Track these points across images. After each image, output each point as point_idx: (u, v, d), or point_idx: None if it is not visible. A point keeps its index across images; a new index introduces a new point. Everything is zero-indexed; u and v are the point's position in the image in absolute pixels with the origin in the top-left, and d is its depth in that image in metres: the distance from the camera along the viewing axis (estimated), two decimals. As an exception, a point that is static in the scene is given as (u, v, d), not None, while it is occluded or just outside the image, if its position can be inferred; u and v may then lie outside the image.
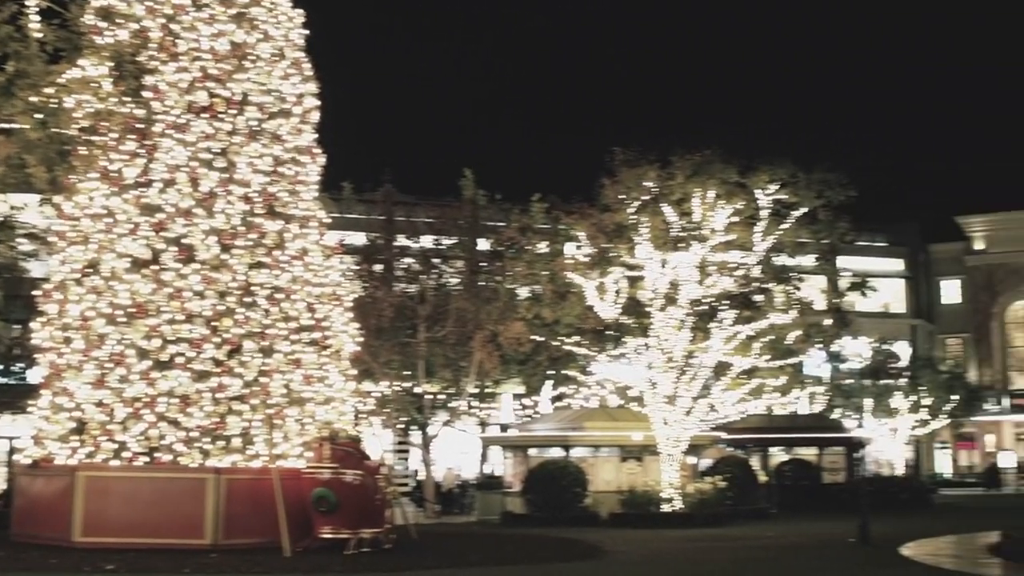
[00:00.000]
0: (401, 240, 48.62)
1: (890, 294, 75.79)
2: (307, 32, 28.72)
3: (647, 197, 38.16)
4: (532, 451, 41.06)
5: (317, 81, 28.58)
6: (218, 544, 24.03)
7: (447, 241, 48.49)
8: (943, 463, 74.70)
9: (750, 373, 39.18)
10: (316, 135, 28.67)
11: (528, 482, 39.19)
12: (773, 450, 49.53)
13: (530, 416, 51.57)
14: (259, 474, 24.65)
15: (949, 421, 64.70)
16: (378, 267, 47.66)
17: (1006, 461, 73.56)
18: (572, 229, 40.06)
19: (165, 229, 25.68)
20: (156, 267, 25.52)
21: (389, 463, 39.54)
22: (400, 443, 52.94)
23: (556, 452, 40.60)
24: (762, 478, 45.32)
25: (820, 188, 38.57)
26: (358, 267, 43.93)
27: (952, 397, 62.33)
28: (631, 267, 38.58)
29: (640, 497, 38.09)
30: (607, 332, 39.17)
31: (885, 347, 62.21)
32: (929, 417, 61.68)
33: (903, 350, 68.84)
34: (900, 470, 61.09)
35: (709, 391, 38.60)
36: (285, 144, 27.65)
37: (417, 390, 45.16)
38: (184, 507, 24.19)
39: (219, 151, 26.51)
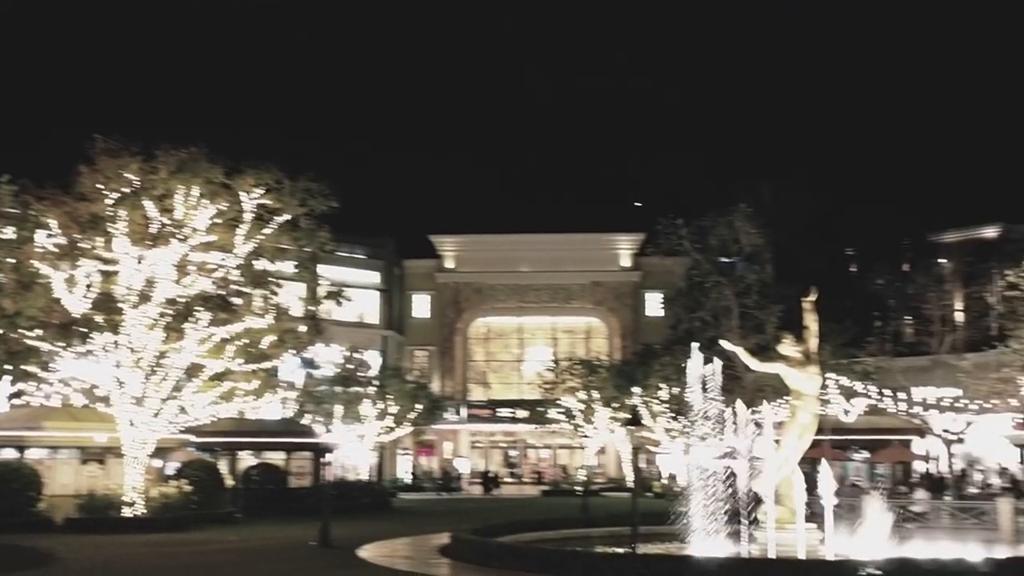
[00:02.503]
0: None
1: (365, 305, 78.20)
2: None
3: (128, 190, 36.64)
4: (-16, 452, 37.98)
5: None
6: None
7: None
8: (405, 468, 78.14)
9: (223, 376, 38.75)
10: None
11: (-26, 485, 36.16)
12: (242, 454, 49.29)
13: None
14: None
15: (412, 429, 67.92)
16: None
17: (462, 467, 78.51)
18: (43, 216, 37.54)
19: None
20: None
21: None
22: None
23: (10, 453, 37.93)
24: (229, 482, 44.95)
25: (304, 196, 38.95)
26: None
27: (417, 406, 65.53)
28: (105, 261, 36.84)
29: (100, 501, 36.46)
30: (74, 327, 37.06)
31: (357, 356, 64.04)
32: (394, 424, 64.39)
33: (374, 359, 71.32)
34: (364, 475, 63.13)
35: (180, 393, 37.74)
36: None
37: None
38: None
39: None
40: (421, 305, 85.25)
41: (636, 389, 56.40)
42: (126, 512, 36.29)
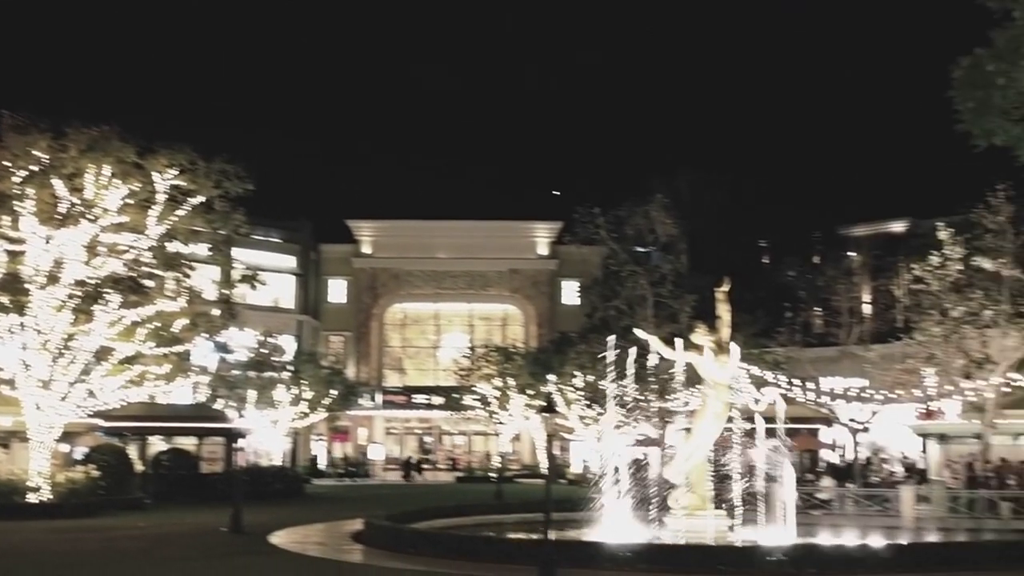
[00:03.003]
0: None
1: (280, 289, 77.51)
2: None
3: (36, 168, 35.90)
4: None
5: None
6: None
7: None
8: (318, 454, 77.71)
9: (133, 360, 38.21)
10: None
11: None
12: (152, 439, 48.70)
13: None
14: None
15: (327, 414, 67.59)
16: None
17: (375, 453, 78.34)
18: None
19: None
20: None
21: None
22: None
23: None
24: (139, 467, 44.39)
25: (219, 178, 38.46)
26: None
27: (331, 392, 65.22)
28: (12, 240, 36.08)
29: (4, 486, 35.82)
30: (-24, 309, 36.26)
31: (271, 340, 63.53)
32: (309, 410, 64.01)
33: (289, 344, 70.77)
34: (277, 461, 62.71)
35: (89, 376, 37.14)
36: None
37: None
38: None
39: None
40: (337, 290, 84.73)
41: (551, 377, 56.69)
42: (31, 498, 35.67)
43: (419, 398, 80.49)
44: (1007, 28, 14.83)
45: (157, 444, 48.71)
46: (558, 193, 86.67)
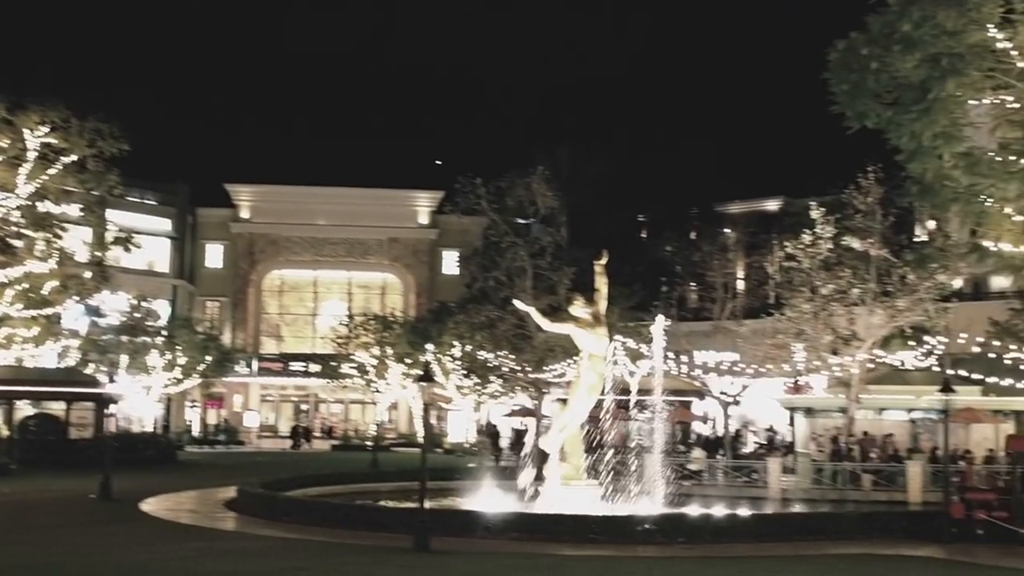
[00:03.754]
0: None
1: (155, 252, 75.97)
2: None
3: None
4: None
5: None
6: None
7: None
8: (192, 421, 76.62)
9: (0, 322, 37.17)
10: None
11: None
12: (20, 403, 47.39)
13: None
14: None
15: (201, 381, 66.66)
16: None
17: (250, 420, 77.54)
18: None
19: None
20: None
21: None
22: None
23: None
24: (5, 432, 43.25)
25: (93, 137, 37.50)
26: None
27: (206, 358, 64.32)
28: None
29: None
30: None
31: (145, 304, 62.30)
32: (183, 376, 63.07)
33: (163, 309, 69.52)
34: (150, 427, 61.68)
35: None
36: None
37: None
38: None
39: None
40: (214, 255, 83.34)
41: (429, 346, 56.75)
42: None
43: (296, 366, 79.85)
44: (882, 14, 15.30)
45: (24, 409, 47.44)
46: (440, 163, 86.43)
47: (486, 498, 30.35)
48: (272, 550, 22.22)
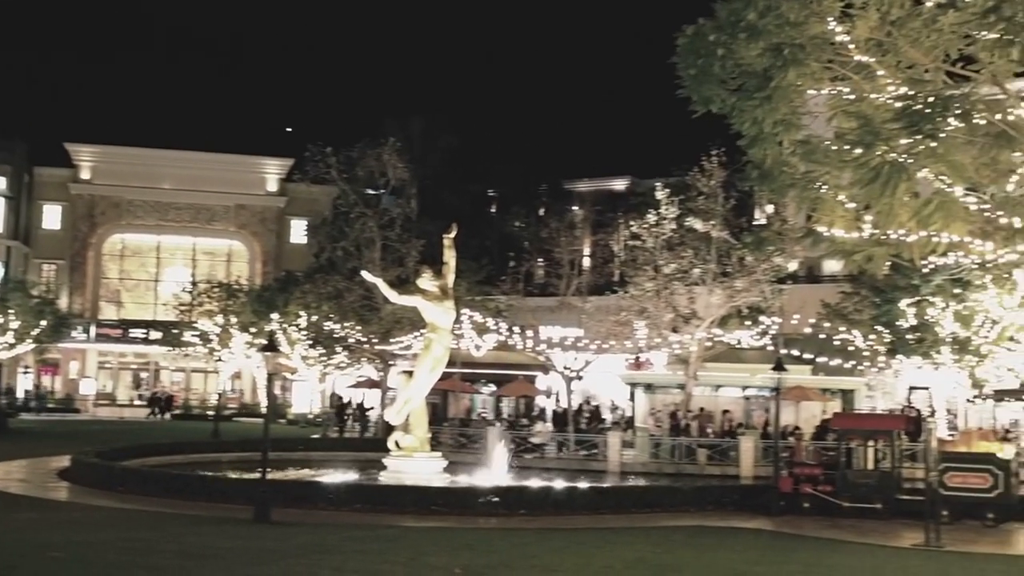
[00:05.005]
0: None
1: (-12, 212, 73.21)
2: None
3: None
4: None
5: None
6: None
7: None
8: (26, 387, 74.14)
9: None
10: None
11: None
12: None
13: None
14: None
15: (36, 346, 64.51)
16: None
17: (87, 388, 75.44)
18: None
19: None
20: None
21: None
22: None
23: None
24: None
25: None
26: None
27: (41, 322, 62.23)
28: None
29: None
30: None
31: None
32: (15, 341, 60.93)
33: (-4, 271, 67.08)
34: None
35: None
36: None
37: None
38: None
39: None
40: (52, 216, 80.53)
41: (275, 315, 56.07)
42: None
43: (136, 332, 77.82)
44: (729, 1, 15.68)
45: None
46: (290, 130, 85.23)
47: (330, 469, 30.31)
48: (107, 521, 21.79)
